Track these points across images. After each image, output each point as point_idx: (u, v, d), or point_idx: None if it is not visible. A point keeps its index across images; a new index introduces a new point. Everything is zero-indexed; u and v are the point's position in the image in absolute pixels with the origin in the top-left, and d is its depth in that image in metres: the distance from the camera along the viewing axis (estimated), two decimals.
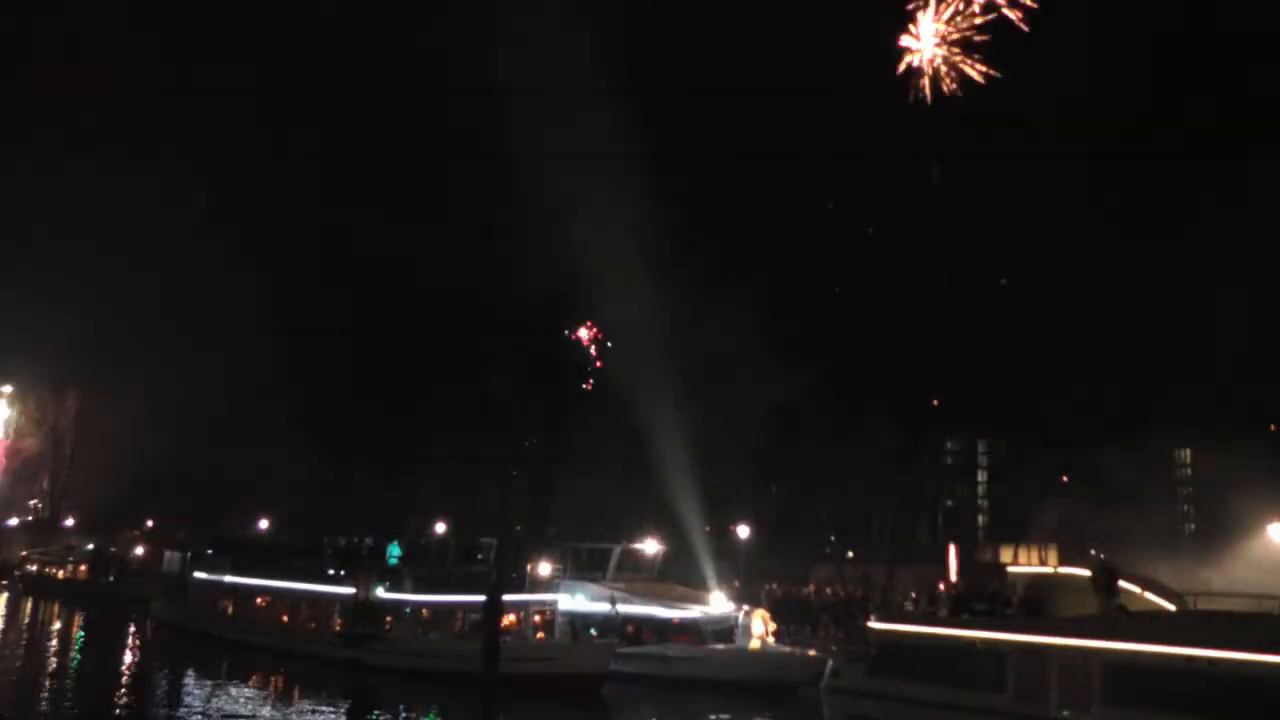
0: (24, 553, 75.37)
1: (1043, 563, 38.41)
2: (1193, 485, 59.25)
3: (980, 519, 68.09)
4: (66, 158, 76.98)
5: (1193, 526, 56.71)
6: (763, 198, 63.03)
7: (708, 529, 49.24)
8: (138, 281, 71.79)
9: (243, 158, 75.38)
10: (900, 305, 57.22)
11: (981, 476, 70.08)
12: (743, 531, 49.58)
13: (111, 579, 62.53)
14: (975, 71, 39.33)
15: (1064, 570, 31.92)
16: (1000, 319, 54.69)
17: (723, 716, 27.86)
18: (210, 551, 45.31)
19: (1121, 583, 22.82)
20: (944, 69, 38.88)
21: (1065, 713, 19.30)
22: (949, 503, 67.75)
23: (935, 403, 61.10)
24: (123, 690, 31.36)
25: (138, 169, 71.54)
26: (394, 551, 37.39)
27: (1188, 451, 59.47)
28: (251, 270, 71.03)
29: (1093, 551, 38.27)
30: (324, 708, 28.95)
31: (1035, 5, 36.83)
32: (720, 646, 32.78)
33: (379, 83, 70.62)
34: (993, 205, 55.54)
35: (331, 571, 37.80)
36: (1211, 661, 17.88)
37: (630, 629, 33.41)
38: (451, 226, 70.15)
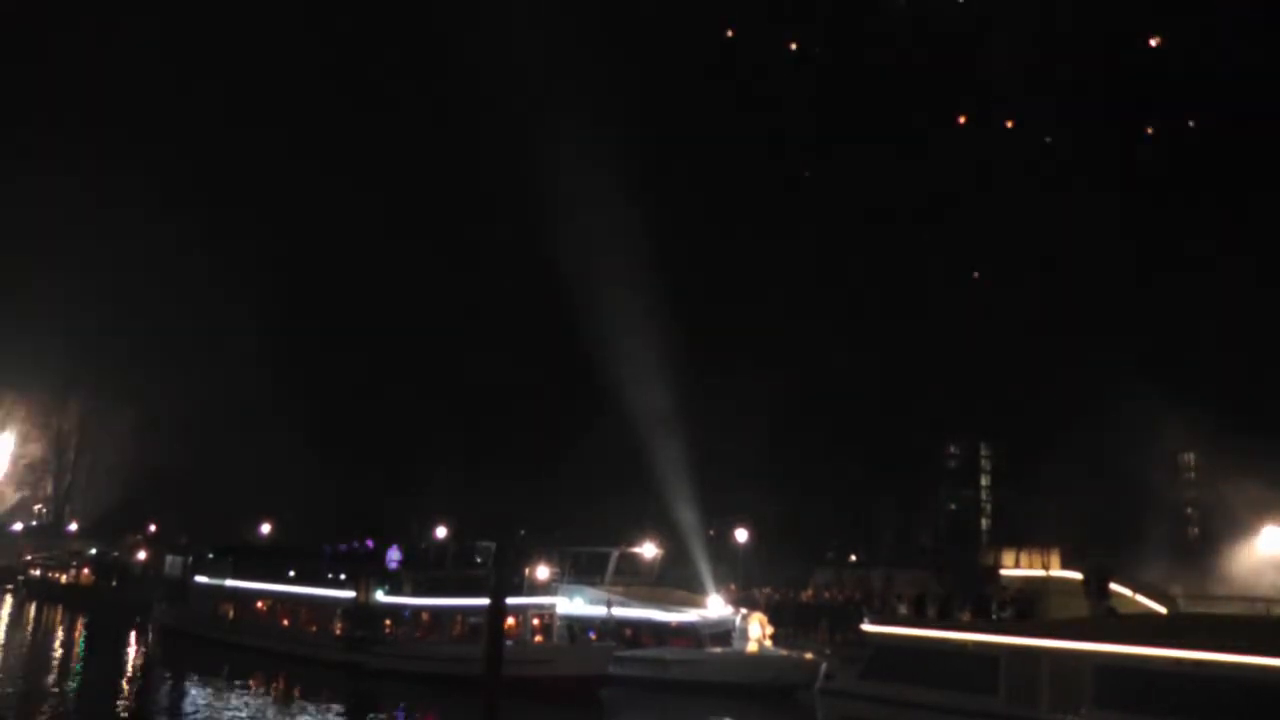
0: (28, 557, 75.62)
1: (1045, 566, 38.42)
2: (1197, 488, 59.11)
3: (983, 522, 68.00)
4: (69, 162, 77.44)
5: (1196, 530, 56.60)
6: (762, 197, 63.36)
7: (711, 532, 49.40)
8: (141, 287, 72.21)
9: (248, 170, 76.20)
10: (901, 307, 57.40)
11: (984, 480, 69.97)
12: (741, 535, 49.69)
13: (114, 583, 62.72)
14: None
15: (1056, 573, 32.03)
16: (1001, 320, 54.74)
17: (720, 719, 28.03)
18: (211, 556, 45.54)
19: (1113, 585, 22.94)
20: None
21: (1056, 714, 19.41)
22: (951, 506, 67.73)
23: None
24: (125, 694, 31.56)
25: (139, 180, 72.18)
26: (393, 555, 37.56)
27: (1192, 455, 59.34)
28: (255, 276, 71.60)
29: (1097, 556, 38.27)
30: (324, 711, 29.15)
31: None
32: (718, 650, 32.92)
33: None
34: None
35: (332, 575, 37.99)
36: (1200, 664, 17.99)
37: (629, 632, 33.58)
38: (450, 222, 70.80)
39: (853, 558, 54.74)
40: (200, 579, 44.35)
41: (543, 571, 34.89)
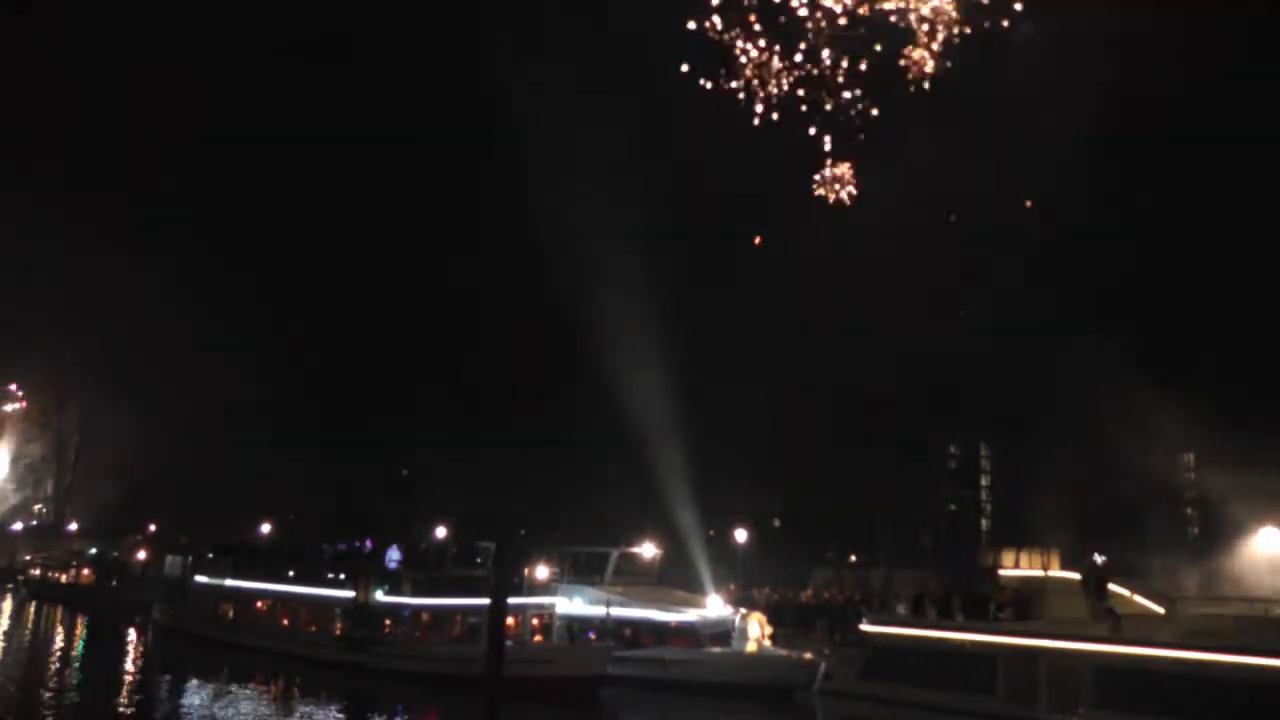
0: (28, 557, 75.69)
1: (1045, 567, 38.35)
2: (1196, 489, 59.06)
3: (983, 523, 67.98)
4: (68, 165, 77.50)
5: (1196, 530, 56.56)
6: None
7: (711, 533, 49.36)
8: (140, 287, 72.16)
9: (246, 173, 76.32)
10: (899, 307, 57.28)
11: (984, 480, 69.92)
12: (741, 535, 49.68)
13: (114, 583, 62.76)
14: None
15: (1055, 573, 32.03)
16: (1002, 322, 54.69)
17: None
18: (211, 556, 45.58)
19: (1111, 585, 22.96)
20: None
21: (1054, 715, 19.44)
22: (951, 506, 67.70)
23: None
24: (124, 694, 31.54)
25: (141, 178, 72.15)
26: (393, 555, 37.55)
27: (1192, 456, 59.26)
28: (252, 276, 71.66)
29: (1097, 557, 38.26)
30: (324, 711, 29.17)
31: None
32: (717, 650, 32.92)
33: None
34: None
35: (331, 575, 38.00)
36: (1198, 664, 18.01)
37: (628, 632, 33.58)
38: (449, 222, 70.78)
39: (853, 558, 54.75)
40: (200, 579, 44.38)
41: (542, 571, 34.90)
